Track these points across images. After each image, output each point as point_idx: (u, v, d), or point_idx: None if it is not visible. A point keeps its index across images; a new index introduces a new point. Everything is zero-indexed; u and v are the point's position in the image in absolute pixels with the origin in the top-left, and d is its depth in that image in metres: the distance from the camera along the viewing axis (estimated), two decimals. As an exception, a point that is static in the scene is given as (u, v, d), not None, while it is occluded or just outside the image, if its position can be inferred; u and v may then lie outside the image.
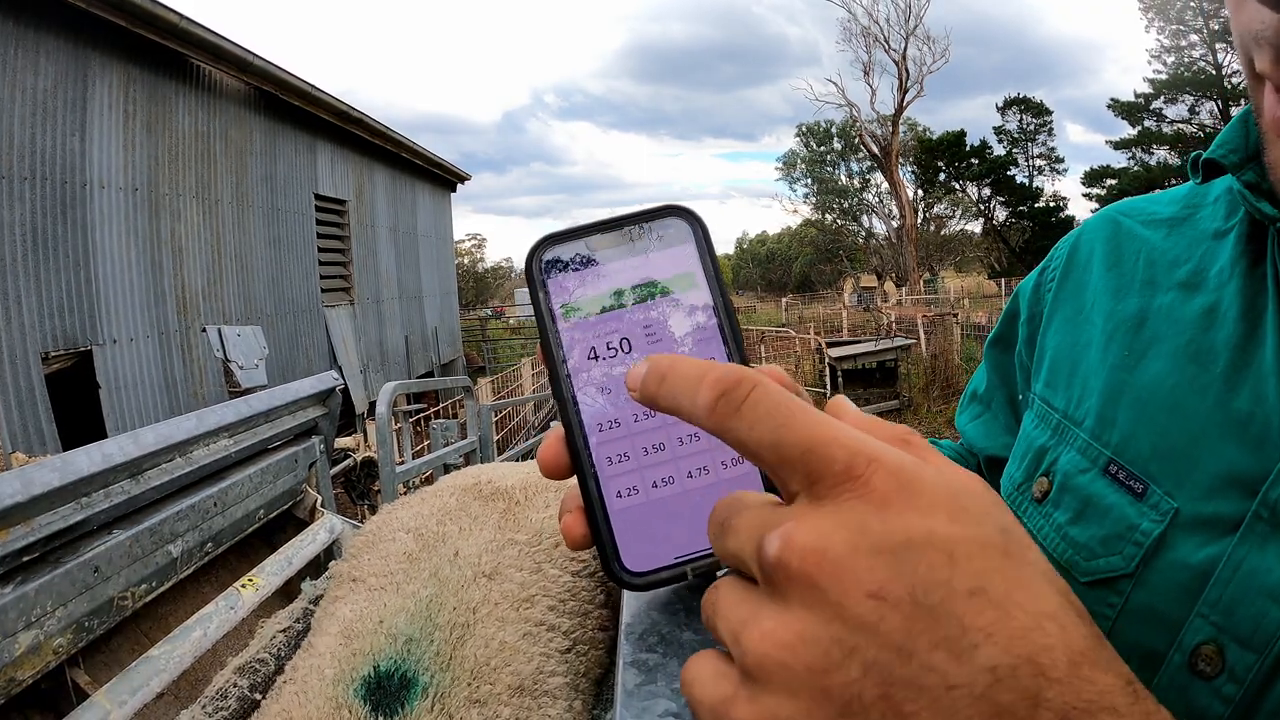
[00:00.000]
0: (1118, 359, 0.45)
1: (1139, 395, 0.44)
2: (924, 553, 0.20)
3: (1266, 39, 0.34)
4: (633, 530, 0.32)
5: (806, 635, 0.20)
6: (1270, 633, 0.34)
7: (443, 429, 4.25)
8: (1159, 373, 0.43)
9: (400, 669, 0.61)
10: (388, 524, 0.83)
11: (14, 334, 4.82)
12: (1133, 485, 0.41)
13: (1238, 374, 0.39)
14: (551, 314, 0.31)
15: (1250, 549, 0.36)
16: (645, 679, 0.35)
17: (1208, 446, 0.39)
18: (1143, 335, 0.45)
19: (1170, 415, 0.42)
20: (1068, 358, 0.50)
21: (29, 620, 0.73)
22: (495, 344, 20.99)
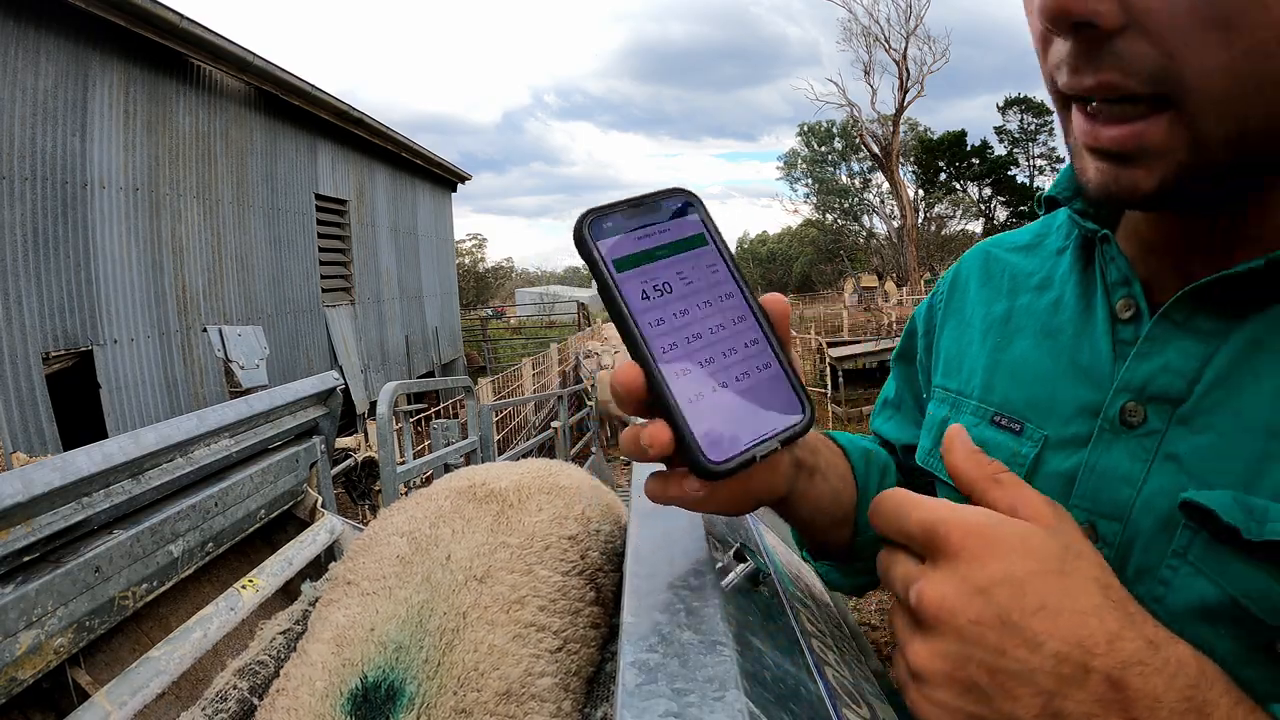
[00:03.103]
0: (993, 346, 0.61)
1: (1010, 367, 0.59)
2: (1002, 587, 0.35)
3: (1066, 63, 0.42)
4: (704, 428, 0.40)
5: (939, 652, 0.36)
6: (1124, 504, 0.48)
7: (443, 429, 4.25)
8: (1024, 349, 0.59)
9: (388, 679, 0.61)
10: (383, 527, 0.83)
11: (15, 334, 4.82)
12: (1013, 427, 0.57)
13: (1079, 340, 0.55)
14: (608, 266, 0.39)
15: (1100, 452, 0.51)
16: (645, 679, 0.35)
17: (1063, 391, 0.54)
18: (1009, 326, 0.61)
19: (1035, 375, 0.57)
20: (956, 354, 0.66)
21: (30, 620, 0.73)
22: (496, 344, 20.99)
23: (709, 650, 0.37)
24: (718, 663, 0.36)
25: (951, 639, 0.35)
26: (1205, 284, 0.46)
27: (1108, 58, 0.40)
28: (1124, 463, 0.49)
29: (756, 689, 0.37)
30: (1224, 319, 0.47)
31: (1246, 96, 0.38)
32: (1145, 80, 0.39)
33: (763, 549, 0.74)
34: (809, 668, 0.50)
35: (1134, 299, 0.52)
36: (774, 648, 0.47)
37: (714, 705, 0.33)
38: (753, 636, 0.45)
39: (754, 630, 0.46)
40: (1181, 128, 0.39)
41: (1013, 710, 0.34)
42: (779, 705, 0.38)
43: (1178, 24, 0.37)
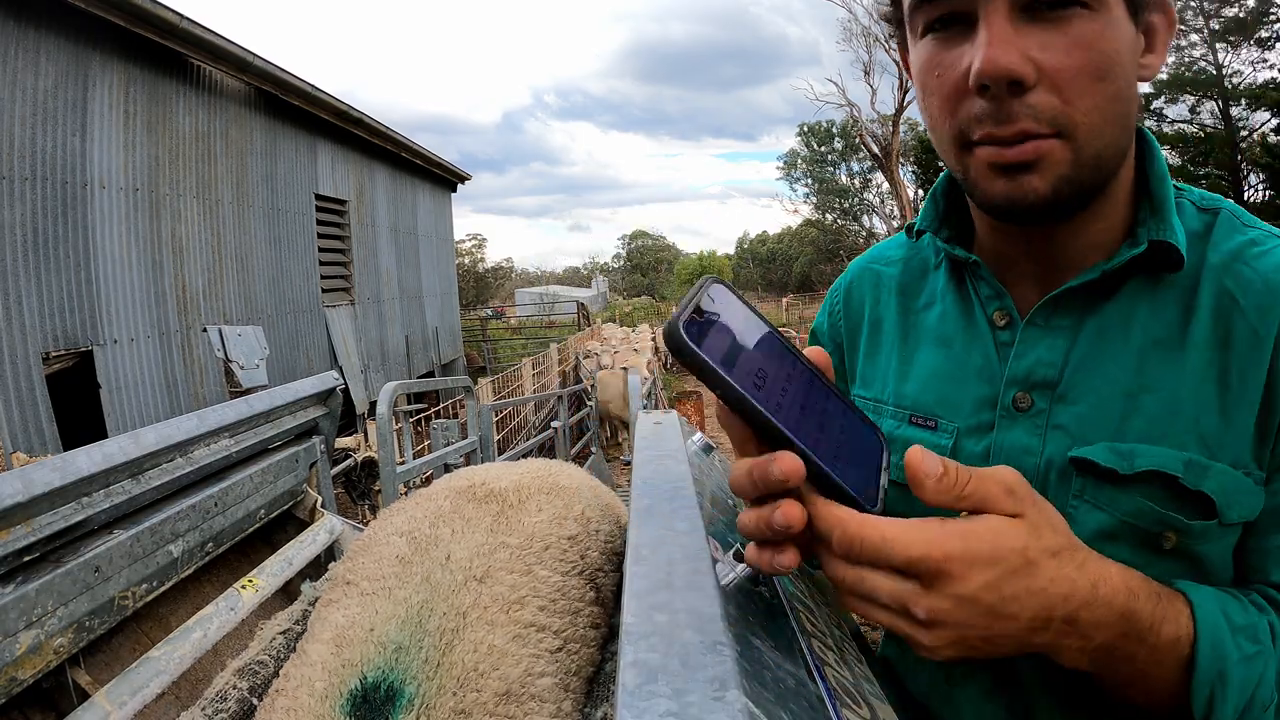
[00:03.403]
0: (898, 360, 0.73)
1: (917, 374, 0.71)
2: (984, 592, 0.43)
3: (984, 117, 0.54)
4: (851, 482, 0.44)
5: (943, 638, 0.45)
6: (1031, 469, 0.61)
7: (443, 429, 4.25)
8: (925, 359, 0.71)
9: (387, 679, 0.61)
10: (383, 528, 0.83)
11: (14, 334, 4.82)
12: (928, 424, 0.68)
13: (969, 347, 0.68)
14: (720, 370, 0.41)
15: (1003, 433, 0.64)
16: (645, 679, 0.35)
17: (965, 390, 0.67)
18: (909, 342, 0.73)
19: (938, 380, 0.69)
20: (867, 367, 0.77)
21: (30, 620, 0.73)
22: (496, 344, 20.98)
23: (709, 650, 0.37)
24: (718, 663, 0.36)
25: (951, 630, 0.44)
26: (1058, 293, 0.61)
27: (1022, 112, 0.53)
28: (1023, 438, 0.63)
29: (756, 689, 0.37)
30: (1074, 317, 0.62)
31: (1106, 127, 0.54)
32: (1048, 123, 0.53)
33: (763, 549, 0.74)
34: (809, 668, 0.50)
35: (1007, 310, 0.66)
36: (774, 648, 0.47)
37: (714, 705, 0.33)
38: (753, 636, 0.45)
39: (754, 630, 0.46)
40: (1068, 149, 0.54)
41: (998, 649, 0.46)
42: (779, 705, 0.38)
43: (1073, 77, 0.52)
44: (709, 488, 0.76)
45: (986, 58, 0.51)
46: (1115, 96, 0.54)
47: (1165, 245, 0.58)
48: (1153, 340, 0.59)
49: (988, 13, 0.52)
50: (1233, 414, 0.56)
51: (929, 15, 0.56)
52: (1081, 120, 0.53)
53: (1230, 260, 0.59)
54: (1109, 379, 0.59)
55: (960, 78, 0.54)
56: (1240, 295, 0.57)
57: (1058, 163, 0.54)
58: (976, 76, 0.52)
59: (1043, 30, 0.52)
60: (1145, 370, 0.58)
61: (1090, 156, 0.54)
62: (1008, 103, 0.53)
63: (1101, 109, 0.53)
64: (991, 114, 0.54)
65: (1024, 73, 0.51)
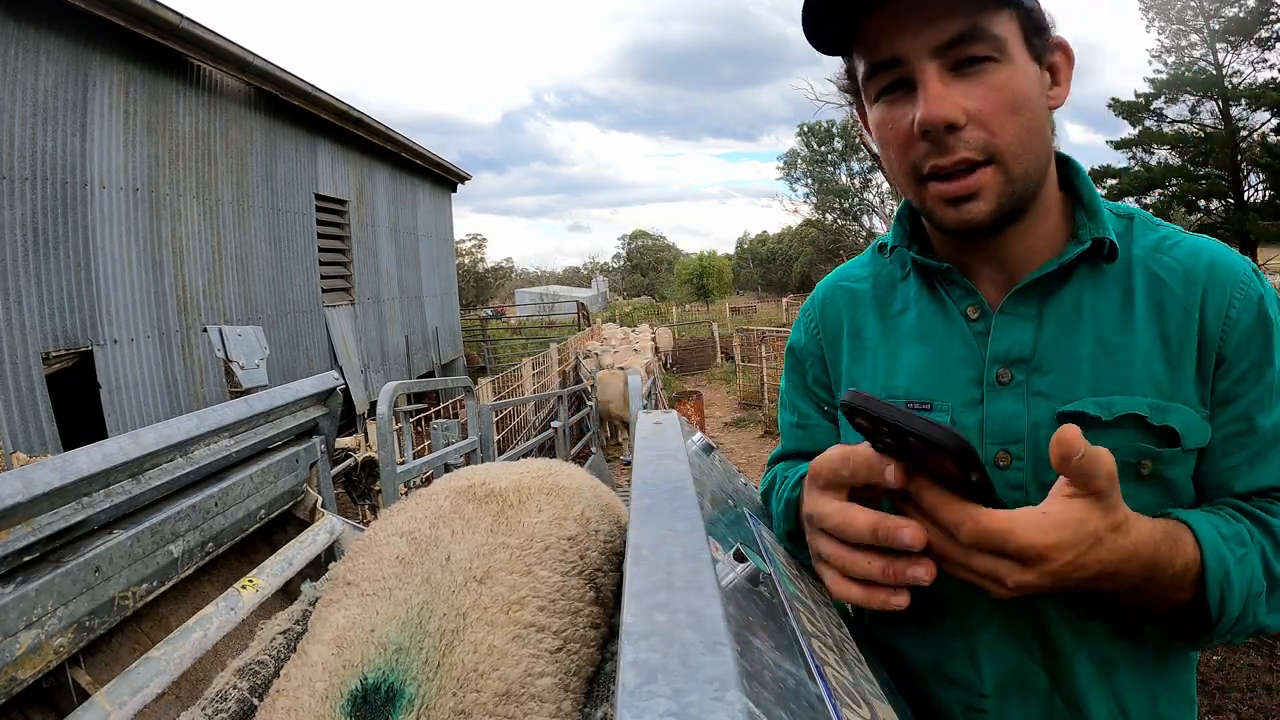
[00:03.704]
0: (884, 359, 0.83)
1: (904, 369, 0.81)
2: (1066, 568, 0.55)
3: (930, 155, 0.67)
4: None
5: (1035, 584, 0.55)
6: (1021, 431, 0.73)
7: (443, 429, 4.25)
8: (911, 355, 0.81)
9: (388, 680, 0.61)
10: (383, 528, 0.83)
11: (14, 334, 4.82)
12: (924, 408, 0.78)
13: (949, 339, 0.79)
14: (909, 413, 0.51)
15: (992, 405, 0.75)
16: (645, 679, 0.35)
17: (953, 374, 0.78)
18: (890, 342, 0.83)
19: (926, 369, 0.79)
20: (855, 369, 0.86)
21: (30, 620, 0.73)
22: (496, 344, 20.98)
23: (709, 650, 0.37)
24: (718, 663, 0.36)
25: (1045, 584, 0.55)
26: (1022, 286, 0.75)
27: (959, 144, 0.66)
28: (1010, 405, 0.75)
29: (757, 689, 0.37)
30: (1036, 305, 0.75)
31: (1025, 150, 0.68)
32: (980, 151, 0.66)
33: (762, 549, 0.74)
34: (809, 668, 0.50)
35: (979, 305, 0.78)
36: (774, 648, 0.47)
37: (714, 705, 0.33)
38: (753, 636, 0.45)
39: (754, 630, 0.46)
40: (1000, 174, 0.68)
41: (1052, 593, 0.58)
42: (779, 705, 0.38)
43: (993, 114, 0.66)
44: (709, 488, 0.76)
45: (926, 111, 0.66)
46: (1029, 125, 0.68)
47: (1103, 241, 0.73)
48: (1103, 316, 0.73)
49: (923, 77, 0.66)
50: (1177, 367, 0.71)
51: (879, 85, 0.70)
52: (1005, 147, 0.67)
53: (1151, 251, 0.75)
54: (1074, 350, 0.73)
55: (908, 128, 0.68)
56: (1166, 276, 0.73)
57: (994, 187, 0.68)
58: (920, 125, 0.66)
59: (966, 83, 0.66)
60: (1102, 340, 0.72)
61: (1019, 175, 0.69)
62: (946, 140, 0.66)
63: (1019, 136, 0.68)
64: (935, 151, 0.68)
65: (955, 117, 0.65)
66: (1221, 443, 0.71)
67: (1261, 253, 25.56)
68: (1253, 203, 26.20)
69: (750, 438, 9.78)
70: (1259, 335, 0.70)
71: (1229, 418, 0.71)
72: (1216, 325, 0.70)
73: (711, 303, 39.49)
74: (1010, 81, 0.66)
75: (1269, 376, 0.70)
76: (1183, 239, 0.75)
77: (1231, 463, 0.71)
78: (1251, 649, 3.06)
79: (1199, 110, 27.44)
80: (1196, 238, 0.76)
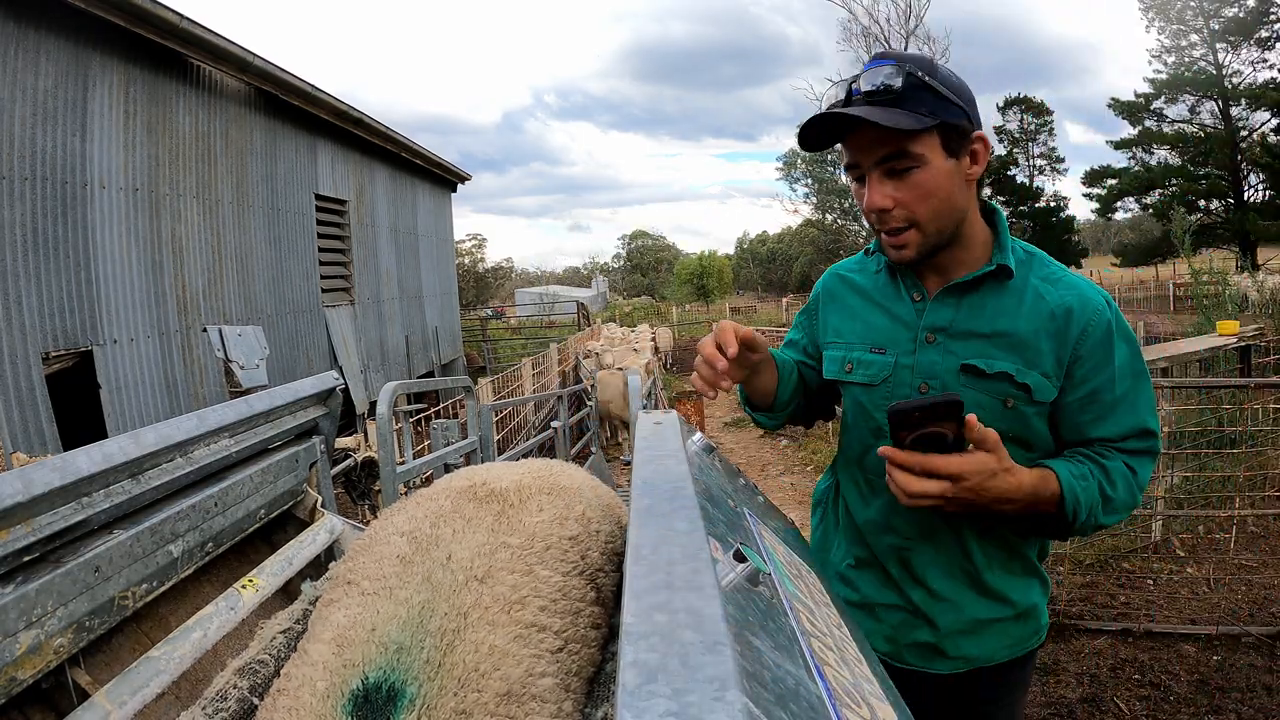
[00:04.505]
0: (861, 318, 1.24)
1: (873, 326, 1.22)
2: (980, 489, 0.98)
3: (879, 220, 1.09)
4: None
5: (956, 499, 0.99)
6: (938, 372, 1.14)
7: (443, 429, 4.25)
8: (876, 318, 1.22)
9: (389, 680, 0.61)
10: (384, 528, 0.83)
11: (14, 334, 4.82)
12: (879, 351, 1.19)
13: (900, 310, 1.19)
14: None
15: (920, 355, 1.16)
16: (645, 679, 0.35)
17: (898, 333, 1.18)
18: (866, 310, 1.24)
19: (884, 327, 1.20)
20: (840, 325, 1.27)
21: (30, 620, 0.73)
22: (496, 344, 20.97)
23: (709, 650, 0.37)
24: (718, 663, 0.36)
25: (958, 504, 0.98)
26: (949, 286, 1.14)
27: (890, 219, 1.07)
28: (933, 356, 1.15)
29: (757, 689, 0.37)
30: (956, 298, 1.14)
31: (934, 220, 1.07)
32: (904, 221, 1.07)
33: (762, 549, 0.74)
34: (809, 667, 0.50)
35: (922, 293, 1.17)
36: (774, 647, 0.47)
37: (714, 705, 0.33)
38: (753, 636, 0.45)
39: (754, 630, 0.46)
40: (918, 234, 1.07)
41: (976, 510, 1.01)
42: (779, 705, 0.38)
43: (912, 201, 1.05)
44: (709, 488, 0.76)
45: (868, 201, 1.07)
46: (938, 205, 1.06)
47: (1005, 266, 1.11)
48: (998, 311, 1.11)
49: (869, 178, 1.07)
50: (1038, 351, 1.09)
51: (852, 174, 1.10)
52: (920, 219, 1.07)
53: (1041, 280, 1.12)
54: (975, 328, 1.12)
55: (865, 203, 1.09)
56: (1047, 296, 1.10)
57: (915, 241, 1.09)
58: (865, 208, 1.09)
59: (895, 181, 1.05)
60: (994, 325, 1.11)
61: (932, 233, 1.08)
62: (883, 216, 1.07)
63: (930, 212, 1.06)
64: (879, 222, 1.09)
65: (885, 205, 1.06)
66: (1079, 407, 1.10)
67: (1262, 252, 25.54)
68: (1252, 202, 26.18)
69: (750, 438, 9.78)
70: (1104, 343, 1.09)
71: (1084, 392, 1.10)
72: (1076, 333, 1.08)
73: (711, 303, 39.48)
74: (925, 180, 1.03)
75: (1109, 368, 1.09)
76: (1064, 275, 1.14)
77: (1085, 419, 1.11)
78: (1251, 649, 3.06)
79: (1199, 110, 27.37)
80: (1075, 276, 1.14)
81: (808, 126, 1.04)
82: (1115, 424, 1.09)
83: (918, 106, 1.00)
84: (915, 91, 1.00)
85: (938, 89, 1.01)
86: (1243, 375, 5.31)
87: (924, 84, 1.00)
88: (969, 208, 1.10)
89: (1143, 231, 35.35)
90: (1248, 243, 25.89)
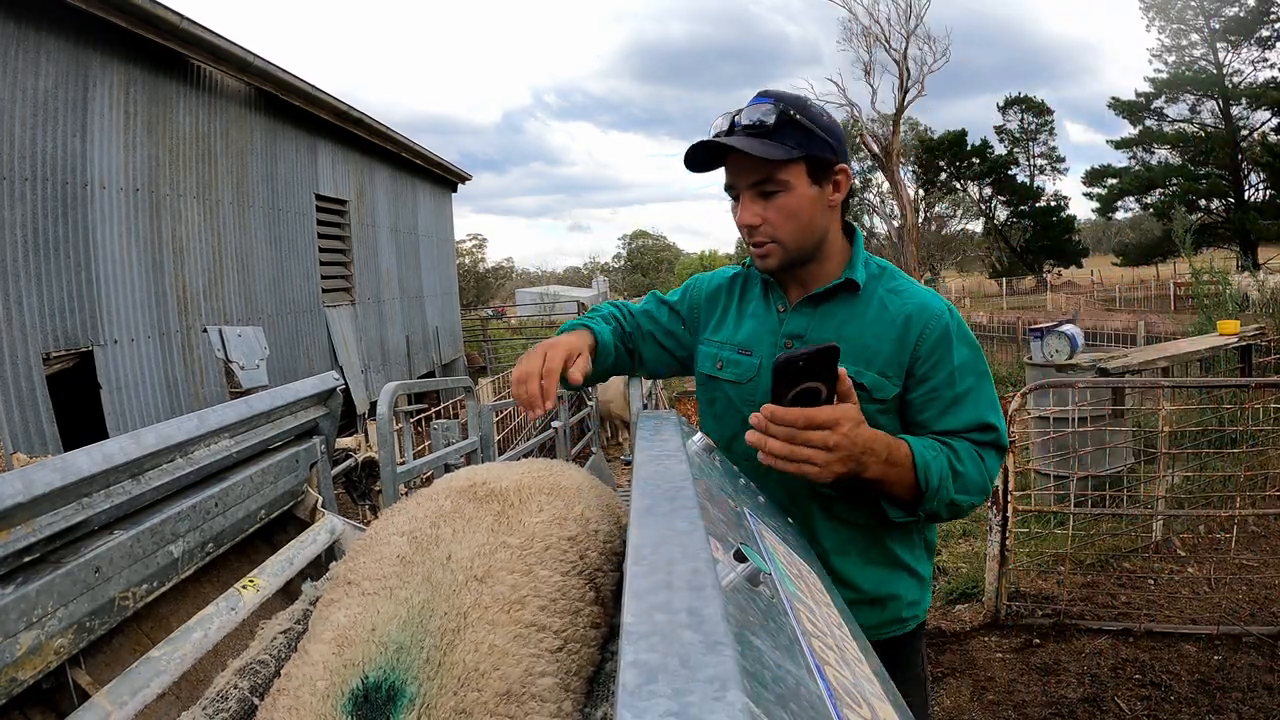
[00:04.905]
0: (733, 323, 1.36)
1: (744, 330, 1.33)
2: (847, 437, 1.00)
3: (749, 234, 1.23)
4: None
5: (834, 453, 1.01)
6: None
7: (444, 429, 4.25)
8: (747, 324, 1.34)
9: (389, 679, 0.61)
10: (384, 528, 0.83)
11: (15, 335, 4.82)
12: (747, 352, 1.31)
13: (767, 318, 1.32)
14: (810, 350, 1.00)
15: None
16: (646, 679, 0.35)
17: (765, 338, 1.30)
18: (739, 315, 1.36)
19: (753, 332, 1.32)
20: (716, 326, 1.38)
21: (30, 620, 0.73)
22: (496, 344, 20.97)
23: (709, 650, 0.37)
24: (718, 662, 0.36)
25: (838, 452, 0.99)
26: (805, 297, 1.27)
27: (757, 234, 1.21)
28: None
29: (757, 689, 0.37)
30: (812, 307, 1.26)
31: (794, 238, 1.21)
32: (769, 238, 1.21)
33: (763, 549, 0.74)
34: (809, 667, 0.50)
35: (785, 304, 1.30)
36: (774, 647, 0.47)
37: (714, 705, 0.33)
38: (753, 636, 0.45)
39: (754, 630, 0.46)
40: (780, 249, 1.22)
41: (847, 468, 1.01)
42: (780, 705, 0.38)
43: (776, 221, 1.19)
44: (709, 488, 0.76)
45: (739, 218, 1.21)
46: (799, 225, 1.19)
47: (852, 280, 1.24)
48: (847, 320, 1.23)
49: (741, 199, 1.20)
50: (877, 353, 1.20)
51: (731, 193, 1.23)
52: (782, 237, 1.20)
53: (887, 292, 1.25)
54: (826, 334, 1.23)
55: (738, 220, 1.22)
56: (891, 306, 1.23)
57: (777, 254, 1.22)
58: (738, 224, 1.22)
59: (765, 201, 1.18)
60: (841, 331, 1.22)
61: (793, 249, 1.21)
62: (751, 232, 1.21)
63: (792, 233, 1.20)
64: (748, 235, 1.22)
65: (754, 223, 1.20)
66: (923, 403, 1.21)
67: (1262, 251, 25.52)
68: (1253, 202, 26.17)
69: (751, 437, 9.76)
70: (943, 345, 1.20)
71: (926, 389, 1.20)
72: (915, 336, 1.20)
73: (712, 302, 39.36)
74: (789, 204, 1.17)
75: (948, 367, 1.20)
76: (909, 287, 1.26)
77: (930, 414, 1.21)
78: (1252, 649, 3.06)
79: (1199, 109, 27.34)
80: (920, 288, 1.27)
81: (692, 151, 1.19)
82: (957, 418, 1.20)
83: (786, 140, 1.14)
84: (786, 127, 1.15)
85: (807, 126, 1.16)
86: (1243, 375, 5.31)
87: (794, 121, 1.15)
88: (830, 228, 1.24)
89: (1143, 231, 35.33)
90: (1248, 242, 25.88)
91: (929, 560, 1.34)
